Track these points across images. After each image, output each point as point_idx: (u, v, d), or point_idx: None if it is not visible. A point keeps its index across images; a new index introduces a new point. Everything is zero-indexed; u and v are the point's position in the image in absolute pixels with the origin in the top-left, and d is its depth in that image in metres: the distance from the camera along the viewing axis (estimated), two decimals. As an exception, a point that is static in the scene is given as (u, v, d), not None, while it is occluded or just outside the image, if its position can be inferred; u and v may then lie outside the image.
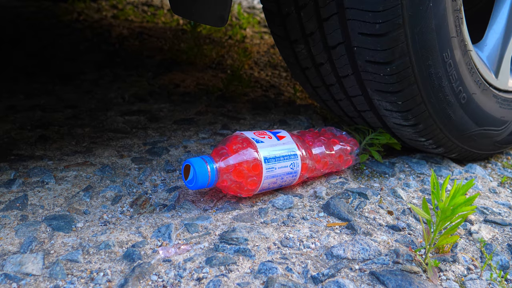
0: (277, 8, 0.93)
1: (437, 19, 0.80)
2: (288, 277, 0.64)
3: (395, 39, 0.79)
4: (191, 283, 0.63)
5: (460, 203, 0.64)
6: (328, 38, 0.87)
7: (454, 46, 0.85)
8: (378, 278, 0.65)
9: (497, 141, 1.04)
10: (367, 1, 0.77)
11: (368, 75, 0.86)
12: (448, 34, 0.83)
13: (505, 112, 1.02)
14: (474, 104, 0.93)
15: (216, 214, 0.79)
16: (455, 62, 0.86)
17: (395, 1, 0.75)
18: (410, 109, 0.88)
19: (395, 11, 0.76)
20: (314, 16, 0.87)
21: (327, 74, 0.95)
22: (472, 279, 0.67)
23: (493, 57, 1.00)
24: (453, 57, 0.85)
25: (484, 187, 0.97)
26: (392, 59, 0.81)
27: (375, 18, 0.77)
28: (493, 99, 0.98)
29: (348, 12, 0.80)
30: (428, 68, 0.83)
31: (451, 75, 0.87)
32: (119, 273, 0.64)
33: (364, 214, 0.82)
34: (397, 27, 0.77)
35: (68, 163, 0.96)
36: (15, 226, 0.74)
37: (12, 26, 2.13)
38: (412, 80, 0.84)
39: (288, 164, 0.82)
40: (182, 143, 1.09)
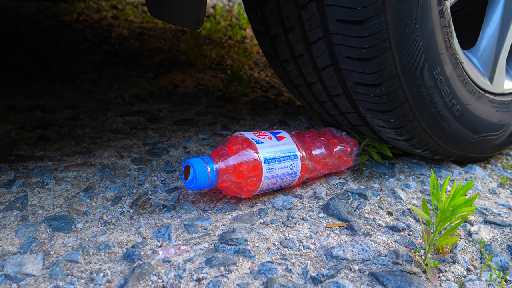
0: (266, 29, 0.93)
1: (424, 39, 0.79)
2: (287, 277, 0.64)
3: (383, 62, 0.78)
4: (191, 284, 0.63)
5: (460, 204, 0.64)
6: (316, 60, 0.88)
7: (444, 62, 0.84)
8: (378, 279, 0.65)
9: (496, 145, 1.04)
10: (352, 27, 0.76)
11: (358, 95, 0.86)
12: (438, 51, 0.82)
13: (502, 115, 1.01)
14: (469, 114, 0.93)
15: (216, 215, 0.79)
16: (446, 77, 0.86)
17: (380, 26, 0.75)
18: (403, 125, 0.88)
19: (380, 36, 0.75)
20: (301, 39, 0.87)
21: (319, 92, 0.97)
22: (472, 279, 0.67)
23: (487, 62, 0.98)
24: (444, 72, 0.85)
25: (484, 188, 0.97)
26: (381, 81, 0.81)
27: (361, 43, 0.77)
28: (489, 104, 0.97)
29: (334, 37, 0.80)
30: (418, 87, 0.83)
31: (442, 91, 0.86)
32: (119, 274, 0.64)
33: (364, 215, 0.82)
34: (383, 50, 0.77)
35: (68, 164, 0.96)
36: (15, 227, 0.74)
37: (12, 26, 2.13)
38: (402, 99, 0.84)
39: (288, 165, 0.82)
40: (182, 143, 1.09)
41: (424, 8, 0.76)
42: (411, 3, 0.75)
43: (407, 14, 0.75)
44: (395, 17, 0.74)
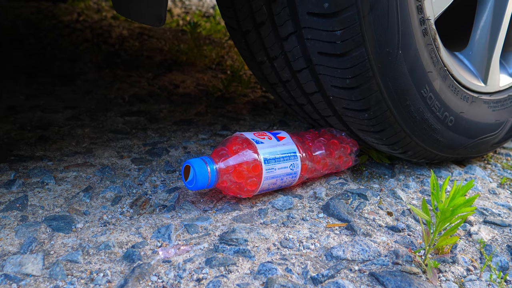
0: (251, 56, 0.94)
1: (409, 62, 0.78)
2: (287, 278, 0.64)
3: (368, 90, 0.78)
4: (191, 284, 0.63)
5: (460, 204, 0.64)
6: (303, 86, 0.88)
7: (433, 78, 0.83)
8: (378, 279, 0.65)
9: (495, 143, 1.03)
10: (334, 59, 0.76)
11: (348, 117, 0.87)
12: (424, 70, 0.81)
13: (499, 114, 1.00)
14: (463, 122, 0.92)
15: (216, 215, 0.79)
16: (435, 93, 0.85)
17: (362, 57, 0.74)
18: (395, 142, 0.89)
19: (363, 66, 0.75)
20: (287, 67, 0.88)
21: (311, 112, 0.98)
22: (472, 280, 0.67)
23: (481, 63, 0.96)
24: (433, 89, 0.84)
25: (484, 188, 0.97)
26: (368, 107, 0.81)
27: (344, 74, 0.77)
28: (484, 106, 0.96)
29: (318, 67, 0.80)
30: (407, 108, 0.83)
31: (433, 107, 0.85)
32: (119, 274, 0.64)
33: (364, 215, 0.82)
34: (367, 79, 0.77)
35: (68, 164, 0.96)
36: (15, 227, 0.74)
37: (12, 26, 2.13)
38: (392, 120, 0.84)
39: (288, 165, 0.82)
40: (182, 143, 1.09)
41: (405, 33, 0.76)
42: (391, 31, 0.74)
43: (388, 42, 0.74)
44: (376, 47, 0.74)
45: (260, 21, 0.83)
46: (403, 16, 0.74)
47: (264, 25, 0.83)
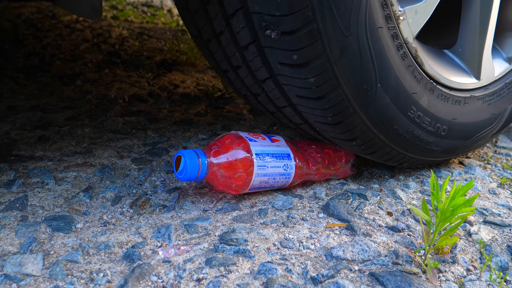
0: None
1: (390, 92, 0.77)
2: (287, 278, 0.64)
3: (352, 123, 0.78)
4: (191, 284, 0.63)
5: (460, 204, 0.64)
6: (290, 118, 0.90)
7: (419, 97, 0.82)
8: (378, 279, 0.65)
9: (493, 134, 1.02)
10: (312, 102, 0.76)
11: (338, 142, 0.88)
12: (408, 94, 0.80)
13: (494, 106, 0.97)
14: (457, 127, 0.91)
15: (215, 215, 0.79)
16: (424, 110, 0.84)
17: (339, 98, 0.74)
18: (390, 158, 0.90)
19: (342, 105, 0.75)
20: (270, 103, 0.89)
21: (302, 133, 0.97)
22: (472, 280, 0.67)
23: (472, 58, 0.93)
24: (421, 107, 0.83)
25: (484, 188, 0.97)
26: (355, 137, 0.81)
27: (325, 113, 0.77)
28: (479, 103, 0.95)
29: (299, 107, 0.80)
30: (395, 131, 0.82)
31: (423, 123, 0.85)
32: (119, 274, 0.64)
33: (364, 215, 0.82)
34: (349, 115, 0.77)
35: (68, 164, 0.96)
36: (15, 227, 0.74)
37: (12, 26, 2.13)
38: (382, 144, 0.84)
39: (281, 165, 0.82)
40: (182, 144, 1.09)
41: (382, 67, 0.74)
42: (366, 69, 0.73)
43: (364, 80, 0.74)
44: (353, 86, 0.73)
45: (236, 64, 0.83)
46: (377, 52, 0.73)
47: (240, 68, 0.83)
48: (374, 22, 0.71)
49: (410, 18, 0.77)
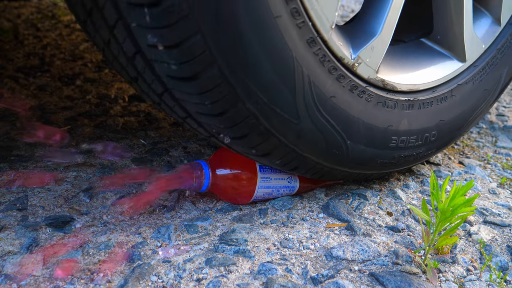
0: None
1: (363, 141, 0.77)
2: (287, 278, 0.64)
3: (334, 176, 0.82)
4: (191, 284, 0.63)
5: (460, 204, 0.64)
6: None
7: (397, 124, 0.80)
8: (378, 279, 0.65)
9: (491, 103, 0.97)
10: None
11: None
12: (383, 129, 0.78)
13: (486, 82, 0.91)
14: (447, 124, 0.88)
15: (215, 215, 0.79)
16: (406, 131, 0.82)
17: (312, 164, 0.75)
18: (382, 177, 0.92)
19: (316, 168, 0.77)
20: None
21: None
22: (472, 280, 0.67)
23: (454, 42, 0.86)
24: (401, 132, 0.81)
25: (484, 188, 0.97)
26: (342, 179, 0.84)
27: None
28: (468, 86, 0.88)
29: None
30: (381, 163, 0.83)
31: (409, 143, 0.84)
32: (119, 274, 0.64)
33: (364, 215, 0.82)
34: (328, 172, 0.79)
35: (68, 164, 0.96)
36: (15, 227, 0.74)
37: (12, 26, 2.13)
38: (369, 174, 0.86)
39: (285, 177, 0.82)
40: (182, 143, 1.09)
41: (346, 126, 0.74)
42: (331, 139, 0.73)
43: (330, 147, 0.74)
44: (319, 155, 0.74)
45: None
46: (338, 119, 0.72)
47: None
48: (325, 93, 0.68)
49: (366, 59, 0.72)
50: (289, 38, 0.60)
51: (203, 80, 0.59)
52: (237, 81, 0.61)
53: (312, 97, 0.67)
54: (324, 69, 0.67)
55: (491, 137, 1.25)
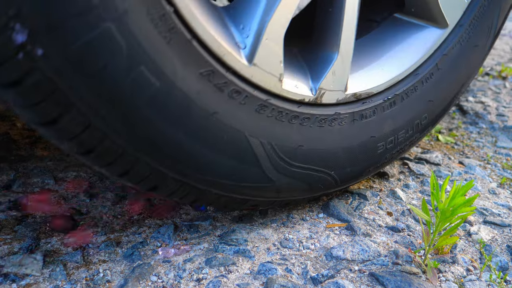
0: None
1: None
2: (287, 278, 0.64)
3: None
4: (191, 284, 0.63)
5: (460, 204, 0.64)
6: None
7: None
8: (378, 279, 0.65)
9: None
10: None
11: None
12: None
13: (473, 48, 0.81)
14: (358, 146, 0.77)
15: (215, 215, 0.79)
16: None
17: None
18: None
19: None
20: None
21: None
22: (472, 280, 0.67)
23: (429, 8, 0.74)
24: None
25: (484, 188, 0.97)
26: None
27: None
28: (458, 48, 0.78)
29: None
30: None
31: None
32: (119, 274, 0.64)
33: (364, 215, 0.82)
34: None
35: (68, 164, 0.96)
36: (15, 227, 0.74)
37: (12, 26, 2.13)
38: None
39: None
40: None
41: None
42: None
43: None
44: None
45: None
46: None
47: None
48: (291, 146, 0.64)
49: (330, 86, 0.65)
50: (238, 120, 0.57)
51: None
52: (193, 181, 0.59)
53: (278, 157, 0.63)
54: (284, 124, 0.62)
55: (491, 137, 1.25)
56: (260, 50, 0.56)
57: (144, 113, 0.49)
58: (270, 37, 0.56)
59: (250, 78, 0.57)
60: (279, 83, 0.60)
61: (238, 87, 0.56)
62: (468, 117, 1.39)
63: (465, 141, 1.22)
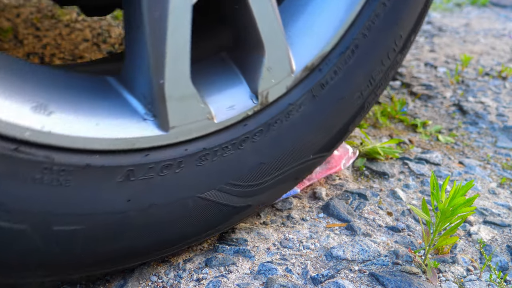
0: None
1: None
2: (287, 278, 0.64)
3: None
4: (191, 284, 0.63)
5: (460, 204, 0.64)
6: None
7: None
8: (378, 279, 0.65)
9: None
10: None
11: None
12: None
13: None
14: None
15: (215, 215, 0.79)
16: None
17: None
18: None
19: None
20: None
21: None
22: (472, 280, 0.67)
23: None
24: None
25: (484, 188, 0.97)
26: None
27: None
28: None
29: None
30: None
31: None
32: (119, 274, 0.64)
33: (364, 215, 0.82)
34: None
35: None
36: (14, 227, 0.74)
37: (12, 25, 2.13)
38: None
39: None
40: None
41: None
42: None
43: None
44: None
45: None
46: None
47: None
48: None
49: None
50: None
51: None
52: None
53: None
54: (243, 150, 0.56)
55: (491, 137, 1.25)
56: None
57: None
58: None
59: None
60: (211, 120, 0.54)
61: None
62: (468, 117, 1.39)
63: (465, 141, 1.22)
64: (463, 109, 1.45)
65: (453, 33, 2.68)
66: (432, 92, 1.62)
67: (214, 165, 0.57)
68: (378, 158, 1.03)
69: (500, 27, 2.89)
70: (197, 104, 0.53)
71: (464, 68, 1.77)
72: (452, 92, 1.64)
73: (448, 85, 1.71)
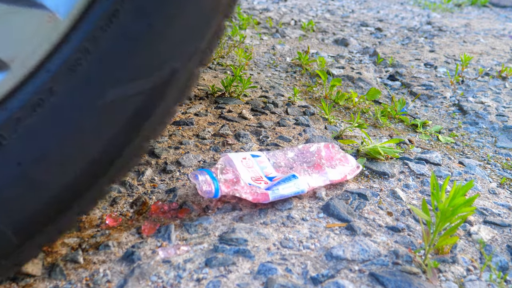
0: None
1: None
2: (287, 277, 0.64)
3: None
4: (191, 284, 0.63)
5: (460, 204, 0.64)
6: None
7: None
8: (378, 279, 0.65)
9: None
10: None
11: None
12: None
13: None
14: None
15: (215, 215, 0.79)
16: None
17: None
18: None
19: None
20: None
21: None
22: (472, 280, 0.67)
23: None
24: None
25: (484, 188, 0.97)
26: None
27: None
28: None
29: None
30: None
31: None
32: (119, 274, 0.64)
33: (364, 215, 0.82)
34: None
35: (68, 164, 0.96)
36: (14, 227, 0.74)
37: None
38: None
39: (292, 184, 0.83)
40: (182, 143, 1.09)
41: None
42: None
43: None
44: None
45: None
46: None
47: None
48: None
49: None
50: None
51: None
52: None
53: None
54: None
55: (491, 137, 1.25)
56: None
57: None
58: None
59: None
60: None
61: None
62: (468, 117, 1.39)
63: (465, 141, 1.22)
64: (463, 109, 1.45)
65: (453, 33, 2.68)
66: (432, 92, 1.62)
67: None
68: (378, 158, 1.03)
69: (500, 27, 2.89)
70: None
71: (464, 68, 1.77)
72: (452, 92, 1.64)
73: (448, 85, 1.71)
